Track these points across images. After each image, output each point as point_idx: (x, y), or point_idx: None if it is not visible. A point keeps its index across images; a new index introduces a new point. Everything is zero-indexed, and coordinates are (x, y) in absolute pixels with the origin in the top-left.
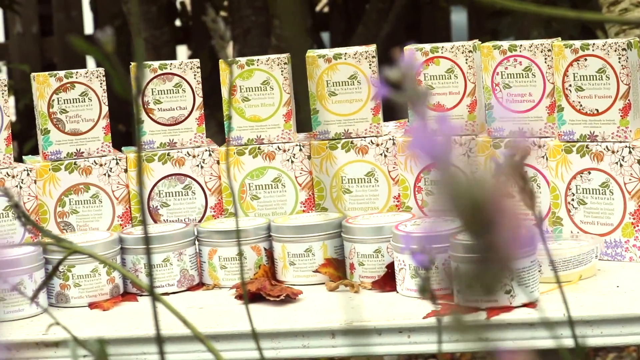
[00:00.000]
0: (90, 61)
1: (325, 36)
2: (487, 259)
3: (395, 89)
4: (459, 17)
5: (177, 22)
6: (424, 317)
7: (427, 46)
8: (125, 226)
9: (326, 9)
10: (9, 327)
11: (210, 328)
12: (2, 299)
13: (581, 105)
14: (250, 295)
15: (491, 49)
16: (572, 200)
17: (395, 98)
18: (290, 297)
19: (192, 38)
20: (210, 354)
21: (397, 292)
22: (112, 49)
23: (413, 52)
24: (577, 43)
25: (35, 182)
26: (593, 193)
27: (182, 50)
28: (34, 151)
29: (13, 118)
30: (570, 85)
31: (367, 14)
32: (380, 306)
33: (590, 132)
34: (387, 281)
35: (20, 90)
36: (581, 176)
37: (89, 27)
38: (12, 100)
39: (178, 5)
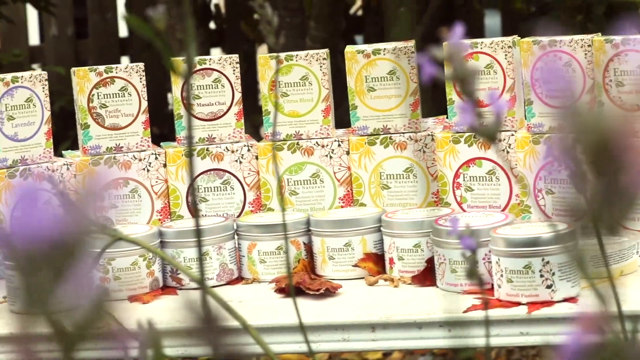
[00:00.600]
0: (125, 62)
1: (359, 39)
2: (614, 194)
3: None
4: (492, 21)
5: (212, 25)
6: (464, 311)
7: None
8: (164, 221)
9: (360, 12)
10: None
11: (250, 321)
12: None
13: (621, 101)
14: (288, 290)
15: (531, 44)
16: None
17: (443, 77)
18: (329, 291)
19: (226, 40)
20: (257, 347)
21: (437, 287)
22: (163, 27)
23: (461, 31)
24: (618, 38)
25: (75, 177)
26: None
27: (216, 53)
28: (72, 148)
29: None
30: (610, 81)
31: (401, 16)
32: (420, 300)
33: None
34: (426, 276)
35: (56, 93)
36: None
37: (123, 30)
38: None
39: (212, 8)
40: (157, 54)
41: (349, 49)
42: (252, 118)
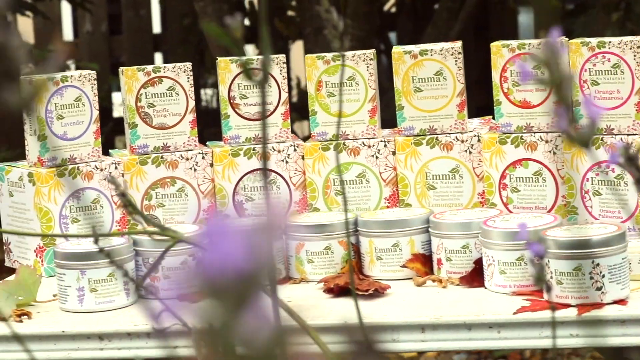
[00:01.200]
0: (158, 58)
1: (392, 36)
2: None
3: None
4: (525, 18)
5: (246, 22)
6: (514, 313)
7: (513, 43)
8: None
9: (393, 9)
10: (101, 318)
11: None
12: (94, 290)
13: None
14: (337, 289)
15: (579, 45)
16: None
17: (539, 81)
18: (378, 292)
19: (259, 37)
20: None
21: (485, 288)
22: (240, 35)
23: (559, 34)
24: None
25: (122, 176)
26: None
27: (250, 50)
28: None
29: None
30: None
31: (437, 14)
32: (469, 301)
33: None
34: (474, 277)
35: None
36: None
37: (157, 26)
38: None
39: (246, 5)
40: (189, 51)
41: (396, 49)
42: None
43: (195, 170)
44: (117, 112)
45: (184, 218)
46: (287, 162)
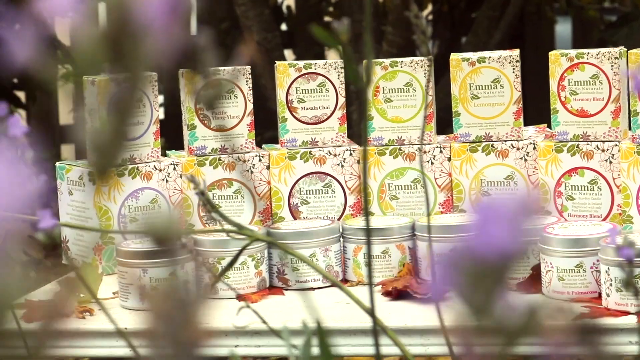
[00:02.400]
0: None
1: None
2: None
3: None
4: (563, 28)
5: (283, 26)
6: (573, 319)
7: (572, 52)
8: (266, 222)
9: (430, 17)
10: None
11: (360, 323)
12: (155, 289)
13: None
14: (396, 293)
15: (639, 56)
16: None
17: None
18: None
19: (297, 43)
20: (385, 348)
21: (543, 294)
22: (347, 39)
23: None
24: None
25: (180, 176)
26: None
27: (288, 55)
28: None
29: None
30: None
31: (477, 23)
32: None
33: None
34: (532, 283)
35: None
36: None
37: (193, 29)
38: None
39: (284, 9)
40: (227, 53)
41: (454, 56)
42: None
43: (252, 172)
44: None
45: (239, 220)
46: (342, 166)
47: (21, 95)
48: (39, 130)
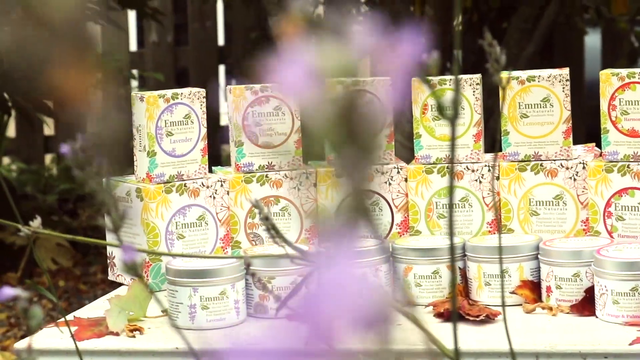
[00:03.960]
0: (222, 70)
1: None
2: None
3: None
4: (592, 39)
5: None
6: (630, 344)
7: (623, 71)
8: (312, 241)
9: (459, 27)
10: (212, 335)
11: (412, 345)
12: (205, 307)
13: None
14: (448, 314)
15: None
16: None
17: None
18: (489, 317)
19: None
20: None
21: (597, 317)
22: (436, 73)
23: None
24: None
25: (227, 193)
26: None
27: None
28: None
29: None
30: None
31: (508, 35)
32: (582, 330)
33: None
34: (585, 305)
35: None
36: None
37: (222, 38)
38: None
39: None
40: (254, 66)
41: (504, 75)
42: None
43: (299, 189)
44: None
45: (287, 237)
46: (390, 184)
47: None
48: (67, 139)
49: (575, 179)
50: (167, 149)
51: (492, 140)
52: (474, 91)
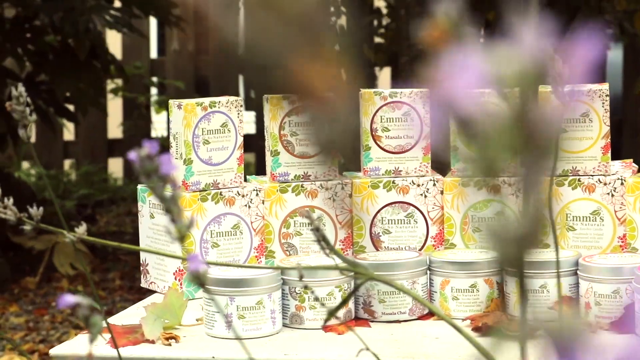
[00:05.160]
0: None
1: None
2: None
3: None
4: (614, 54)
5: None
6: None
7: None
8: (346, 251)
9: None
10: (250, 345)
11: (450, 359)
12: (242, 317)
13: None
14: (486, 328)
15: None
16: None
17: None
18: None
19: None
20: None
21: (636, 335)
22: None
23: None
24: None
25: (263, 202)
26: None
27: None
28: None
29: (165, 133)
30: None
31: None
32: (623, 347)
33: None
34: (624, 322)
35: None
36: None
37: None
38: (164, 115)
39: (337, 28)
40: (273, 76)
41: (542, 89)
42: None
43: (334, 200)
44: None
45: (319, 247)
46: (425, 196)
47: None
48: (88, 143)
49: (613, 195)
50: (204, 157)
51: None
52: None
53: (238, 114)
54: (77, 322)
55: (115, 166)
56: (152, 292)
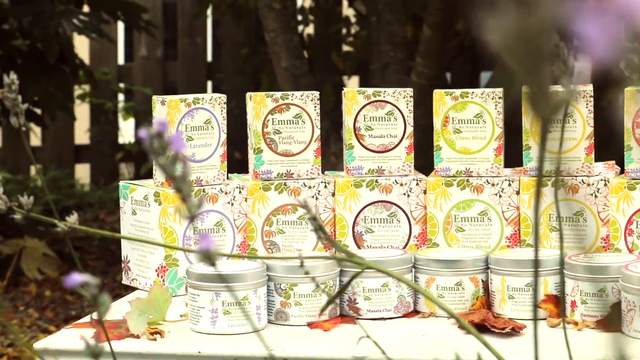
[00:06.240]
0: (210, 86)
1: (447, 76)
2: None
3: None
4: (582, 65)
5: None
6: None
7: None
8: (328, 250)
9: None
10: (235, 341)
11: (440, 356)
12: (227, 312)
13: None
14: (472, 326)
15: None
16: None
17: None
18: (515, 330)
19: (315, 71)
20: None
21: (623, 333)
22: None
23: None
24: None
25: (246, 200)
26: None
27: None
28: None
29: (132, 139)
30: None
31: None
32: (609, 345)
33: None
34: (611, 321)
35: (141, 113)
36: None
37: (210, 54)
38: (132, 122)
39: (305, 38)
40: (246, 81)
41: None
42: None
43: (317, 198)
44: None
45: (303, 246)
46: (408, 195)
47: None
48: (55, 149)
49: (596, 196)
50: (187, 154)
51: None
52: (496, 105)
53: (221, 110)
54: (45, 326)
55: (82, 172)
56: (129, 290)
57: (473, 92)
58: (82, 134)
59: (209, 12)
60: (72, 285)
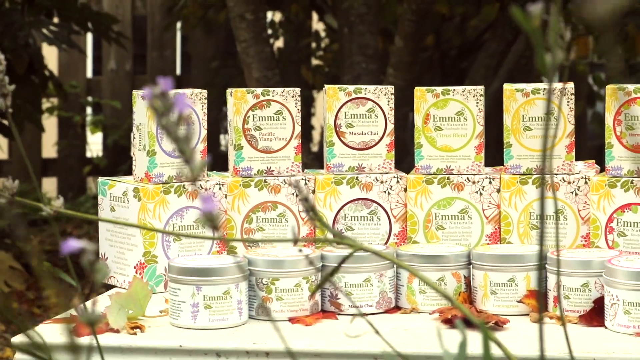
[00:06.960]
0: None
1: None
2: None
3: None
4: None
5: None
6: None
7: (630, 86)
8: (309, 246)
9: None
10: (216, 335)
11: (424, 349)
12: (209, 307)
13: None
14: (454, 319)
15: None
16: None
17: None
18: (498, 325)
19: (285, 85)
20: None
21: (606, 328)
22: (538, 23)
23: None
24: None
25: (225, 197)
26: None
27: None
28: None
29: (100, 153)
30: None
31: (474, 70)
32: (593, 340)
33: None
34: (594, 316)
35: (110, 127)
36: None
37: (179, 68)
38: (100, 136)
39: (275, 52)
40: (215, 94)
41: (507, 87)
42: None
43: (297, 196)
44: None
45: (281, 243)
46: (389, 193)
47: None
48: (22, 162)
49: (577, 194)
50: (168, 149)
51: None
52: (477, 102)
53: (202, 106)
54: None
55: (49, 186)
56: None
57: (454, 90)
58: (49, 148)
59: (178, 25)
60: (69, 251)
